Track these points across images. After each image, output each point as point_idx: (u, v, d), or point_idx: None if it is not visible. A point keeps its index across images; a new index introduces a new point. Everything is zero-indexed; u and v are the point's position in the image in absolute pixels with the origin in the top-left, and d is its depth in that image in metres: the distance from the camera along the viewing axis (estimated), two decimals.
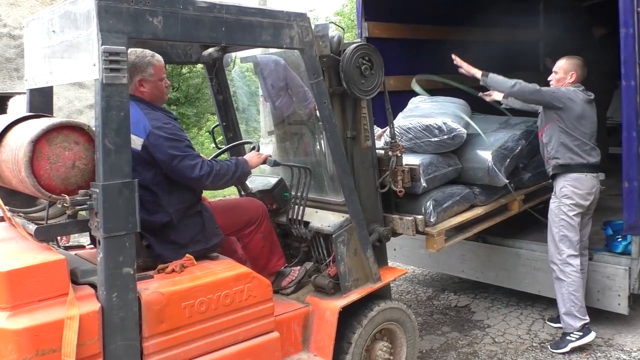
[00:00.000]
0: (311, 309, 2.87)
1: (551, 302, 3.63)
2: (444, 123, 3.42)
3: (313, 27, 2.68)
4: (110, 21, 1.96)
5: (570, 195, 3.53)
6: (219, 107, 3.38)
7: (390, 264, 6.06)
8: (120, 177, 2.01)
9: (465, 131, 3.44)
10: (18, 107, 3.48)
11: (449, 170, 3.51)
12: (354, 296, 2.87)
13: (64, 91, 10.24)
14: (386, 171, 3.09)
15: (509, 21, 6.42)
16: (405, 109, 4.02)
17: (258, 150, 3.06)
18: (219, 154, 3.17)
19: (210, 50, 3.20)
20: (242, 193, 3.21)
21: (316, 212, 3.11)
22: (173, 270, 2.39)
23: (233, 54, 3.31)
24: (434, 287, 5.12)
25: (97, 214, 2.00)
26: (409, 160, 3.35)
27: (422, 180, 3.26)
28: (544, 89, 3.56)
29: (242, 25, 2.38)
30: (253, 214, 2.85)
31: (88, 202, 2.02)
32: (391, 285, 5.11)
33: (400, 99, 4.23)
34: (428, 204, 3.31)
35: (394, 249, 4.59)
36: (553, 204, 3.62)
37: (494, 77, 3.54)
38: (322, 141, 3.14)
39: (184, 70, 16.95)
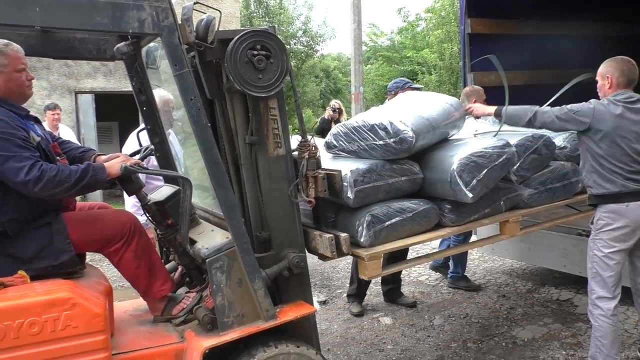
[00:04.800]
0: (186, 346, 2.37)
1: None
2: (390, 123, 2.67)
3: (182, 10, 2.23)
4: None
5: (605, 229, 2.96)
6: (141, 108, 3.02)
7: (487, 257, 5.63)
8: None
9: (413, 135, 2.63)
10: None
11: (400, 181, 2.74)
12: (231, 335, 2.30)
13: None
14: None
15: (618, 15, 5.83)
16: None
17: (144, 157, 2.66)
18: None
19: (120, 44, 2.86)
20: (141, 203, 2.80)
21: (212, 230, 2.61)
22: None
23: (147, 48, 2.93)
24: (533, 281, 5.00)
25: None
26: (347, 166, 2.70)
27: (348, 190, 2.58)
28: (564, 111, 2.92)
29: (64, 4, 2.01)
30: (118, 229, 2.41)
31: None
32: (481, 282, 4.81)
33: (499, 95, 3.78)
34: (362, 219, 2.61)
35: None
36: (591, 235, 3.08)
37: (511, 112, 3.04)
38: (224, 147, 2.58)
39: None
